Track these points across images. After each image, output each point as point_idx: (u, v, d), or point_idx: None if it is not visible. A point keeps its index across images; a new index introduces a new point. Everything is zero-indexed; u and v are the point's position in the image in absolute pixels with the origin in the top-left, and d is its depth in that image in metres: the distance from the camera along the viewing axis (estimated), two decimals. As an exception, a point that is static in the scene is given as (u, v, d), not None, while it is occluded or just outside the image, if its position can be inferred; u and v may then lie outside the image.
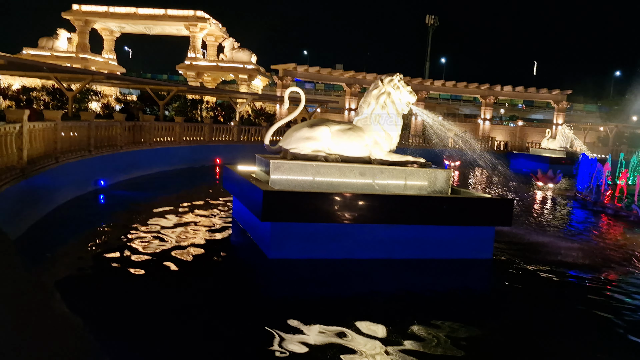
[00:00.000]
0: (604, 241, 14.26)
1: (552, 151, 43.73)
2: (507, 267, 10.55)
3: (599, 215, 18.82)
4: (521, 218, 17.05)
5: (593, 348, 6.95)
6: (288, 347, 6.08)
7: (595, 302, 8.91)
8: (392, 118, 11.06)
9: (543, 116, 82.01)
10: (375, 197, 10.19)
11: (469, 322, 7.53)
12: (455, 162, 35.51)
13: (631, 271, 10.94)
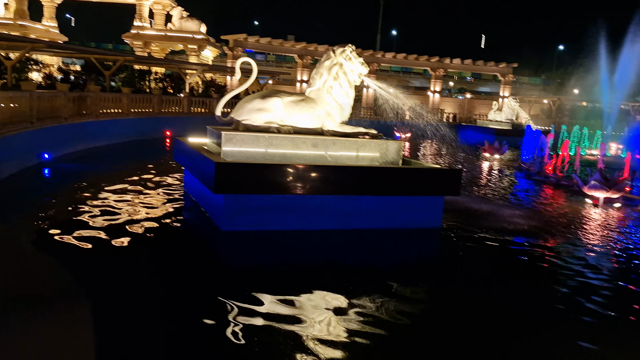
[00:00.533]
0: (547, 209, 14.88)
1: (498, 123, 44.94)
2: (455, 235, 10.89)
3: (542, 184, 19.58)
4: (469, 188, 17.56)
5: (535, 309, 7.31)
6: (242, 318, 6.14)
7: (538, 266, 9.36)
8: (344, 89, 11.11)
9: (490, 89, 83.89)
10: (327, 168, 10.28)
11: (420, 289, 7.78)
12: (406, 134, 36.01)
13: (571, 237, 11.49)
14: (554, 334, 6.48)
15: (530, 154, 24.86)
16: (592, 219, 13.55)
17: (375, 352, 5.62)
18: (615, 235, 11.93)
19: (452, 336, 6.23)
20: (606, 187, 15.02)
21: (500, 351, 5.93)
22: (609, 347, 6.17)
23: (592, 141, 32.08)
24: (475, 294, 7.79)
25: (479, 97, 75.18)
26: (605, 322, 6.91)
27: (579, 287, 8.19)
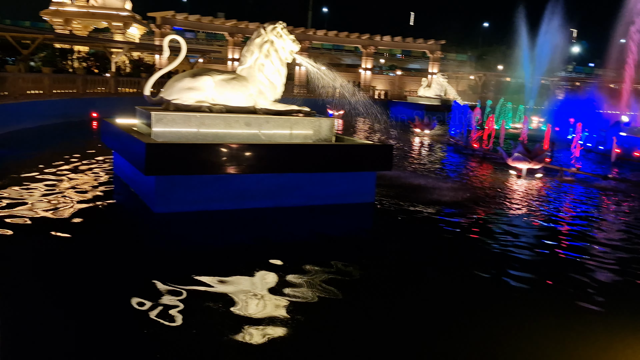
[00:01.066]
0: (474, 181, 15.53)
1: (428, 99, 46.13)
2: (388, 208, 11.20)
3: (470, 157, 20.37)
4: (401, 163, 18.02)
5: (465, 272, 7.67)
6: (177, 300, 6.11)
7: (467, 234, 9.80)
8: (276, 67, 11.07)
9: (420, 66, 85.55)
10: (261, 147, 10.27)
11: (355, 262, 7.97)
12: (339, 111, 36.31)
13: (497, 206, 12.07)
14: (482, 295, 6.83)
15: (458, 129, 25.72)
16: (515, 189, 14.27)
17: (312, 326, 5.76)
18: (537, 204, 12.63)
19: (386, 304, 6.45)
20: (528, 158, 15.80)
21: (431, 314, 6.19)
22: (529, 305, 6.58)
23: (515, 115, 33.53)
24: (407, 262, 8.07)
25: (409, 74, 76.66)
26: (526, 284, 7.34)
27: (504, 252, 8.65)
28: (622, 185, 15.43)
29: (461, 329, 5.85)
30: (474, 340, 5.60)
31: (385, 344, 5.43)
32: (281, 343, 5.27)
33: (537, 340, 5.60)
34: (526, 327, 5.92)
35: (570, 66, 75.74)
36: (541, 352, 5.35)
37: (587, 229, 10.57)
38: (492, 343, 5.55)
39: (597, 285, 7.34)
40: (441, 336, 5.68)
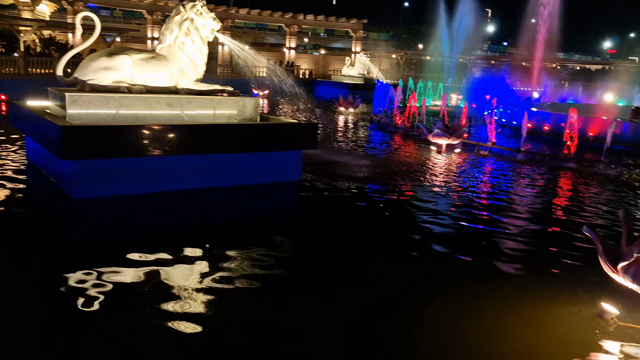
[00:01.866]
0: (398, 157, 15.96)
1: (351, 78, 46.62)
2: (314, 186, 11.34)
3: (393, 134, 20.88)
4: (326, 141, 18.22)
5: (388, 241, 7.94)
6: (100, 288, 5.97)
7: (392, 206, 10.11)
8: (197, 46, 10.83)
9: (343, 45, 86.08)
10: (184, 127, 10.08)
11: (284, 238, 8.06)
12: (264, 91, 36.04)
13: (419, 180, 12.50)
14: (407, 268, 7.11)
15: (381, 107, 26.23)
16: (436, 164, 14.81)
17: (243, 305, 5.80)
18: (456, 177, 13.19)
19: (313, 284, 6.58)
20: (447, 134, 16.41)
21: (358, 291, 6.38)
22: (451, 275, 6.92)
23: (435, 93, 34.57)
24: (334, 239, 8.23)
25: (333, 53, 76.97)
26: (447, 255, 7.70)
27: (427, 225, 9.01)
28: (533, 157, 16.35)
29: (387, 304, 6.07)
30: (399, 314, 5.83)
31: (313, 323, 5.56)
32: (207, 329, 5.27)
33: (459, 307, 5.91)
34: (448, 296, 6.22)
35: (486, 45, 78.72)
36: (462, 317, 5.66)
37: (503, 199, 11.17)
38: (417, 314, 5.81)
39: (512, 253, 7.81)
40: (368, 312, 5.87)
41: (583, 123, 18.38)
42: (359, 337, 5.18)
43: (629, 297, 5.72)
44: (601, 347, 5.07)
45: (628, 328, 5.42)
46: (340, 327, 5.36)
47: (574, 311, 5.78)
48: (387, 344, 5.06)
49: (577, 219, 9.80)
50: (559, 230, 9.21)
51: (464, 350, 5.00)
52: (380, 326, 5.39)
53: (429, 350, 5.01)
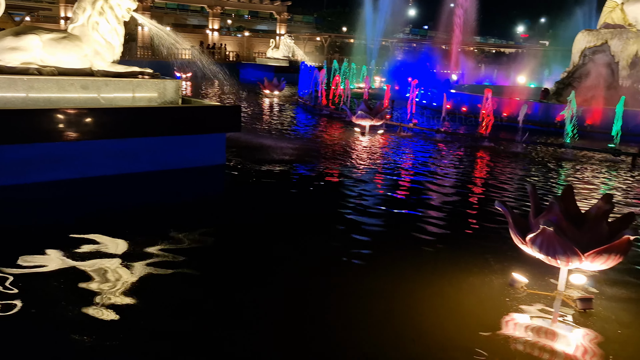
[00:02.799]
0: (323, 139, 16.10)
1: (276, 60, 46.35)
2: (240, 169, 11.26)
3: (318, 117, 21.01)
4: (251, 124, 18.10)
5: (316, 229, 8.04)
6: (16, 282, 5.70)
7: (318, 187, 10.22)
8: (112, 25, 10.39)
9: (268, 27, 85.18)
10: (102, 111, 9.70)
11: (209, 223, 7.98)
12: (187, 74, 35.17)
13: (344, 161, 12.69)
14: (333, 248, 7.23)
15: (306, 89, 26.29)
16: (360, 145, 15.07)
17: (167, 291, 5.72)
18: (379, 157, 13.50)
19: (242, 256, 6.58)
20: (370, 116, 16.72)
21: (282, 274, 6.45)
22: (376, 252, 7.12)
23: (359, 75, 34.99)
24: (259, 224, 8.24)
25: (257, 35, 76.00)
26: (372, 232, 7.91)
27: (353, 205, 9.19)
28: (452, 137, 16.98)
29: (308, 283, 6.17)
30: (320, 292, 5.95)
31: (239, 306, 5.58)
32: (130, 316, 5.18)
33: (377, 283, 6.10)
34: (367, 272, 6.41)
35: (408, 28, 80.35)
36: (381, 291, 5.85)
37: (423, 177, 11.55)
38: (337, 292, 5.94)
39: (431, 228, 8.12)
40: (292, 292, 5.95)
41: (497, 104, 19.24)
42: (283, 317, 5.25)
43: (537, 266, 6.12)
44: (512, 313, 5.41)
45: (536, 295, 5.81)
46: (266, 308, 5.41)
47: (486, 281, 6.12)
48: (305, 323, 5.16)
49: (491, 195, 10.31)
50: (474, 205, 9.67)
51: (382, 323, 5.18)
52: (301, 305, 5.48)
53: (344, 325, 5.15)
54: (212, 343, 4.71)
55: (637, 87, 21.35)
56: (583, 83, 21.91)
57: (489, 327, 5.12)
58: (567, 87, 22.25)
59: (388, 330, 5.06)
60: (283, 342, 4.80)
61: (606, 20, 22.88)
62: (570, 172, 13.07)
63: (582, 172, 13.06)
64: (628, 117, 16.43)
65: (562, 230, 5.32)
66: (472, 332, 5.02)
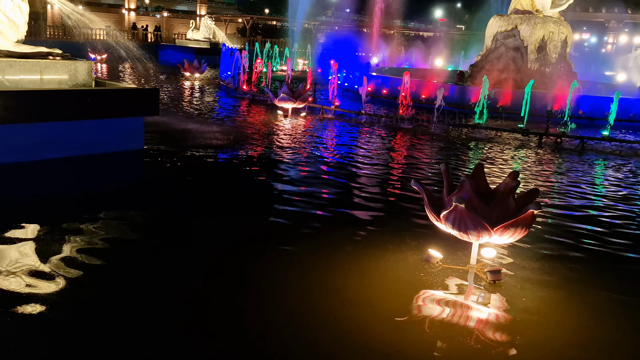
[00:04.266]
0: (245, 122, 15.95)
1: (197, 42, 45.22)
2: (159, 154, 10.96)
3: (241, 100, 20.77)
4: (171, 107, 17.62)
5: (240, 214, 7.99)
6: None
7: (242, 171, 10.14)
8: (15, 2, 9.73)
9: (188, 7, 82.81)
10: (5, 94, 9.12)
11: (126, 210, 7.73)
12: (102, 55, 33.66)
13: (268, 144, 12.65)
14: (254, 232, 7.22)
15: (228, 72, 25.88)
16: (283, 127, 15.06)
17: (81, 282, 5.52)
18: (301, 140, 13.55)
19: (162, 243, 6.45)
20: (293, 98, 16.72)
21: (198, 259, 6.38)
22: (298, 236, 7.18)
23: (282, 58, 34.84)
24: (177, 210, 8.08)
25: (177, 16, 73.74)
26: (296, 214, 7.95)
27: (275, 188, 9.21)
28: (372, 119, 17.31)
29: (234, 268, 6.15)
30: (238, 274, 5.95)
31: (154, 294, 5.48)
32: (45, 312, 4.97)
33: (300, 265, 6.17)
34: (291, 256, 6.46)
35: (330, 11, 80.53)
36: (304, 274, 5.93)
37: (346, 158, 11.72)
38: (256, 273, 5.96)
39: (351, 209, 8.27)
40: (207, 277, 5.91)
41: (416, 86, 19.79)
42: (194, 301, 5.21)
43: (451, 242, 6.40)
44: (428, 287, 5.64)
45: (450, 269, 6.08)
46: (179, 292, 5.35)
47: (402, 258, 6.33)
48: (220, 304, 5.16)
49: (409, 174, 10.64)
50: (393, 184, 9.95)
51: (305, 304, 5.26)
52: (218, 287, 5.46)
53: (264, 307, 5.19)
54: (128, 334, 4.61)
55: (544, 70, 22.60)
56: (495, 66, 22.92)
57: (407, 301, 5.32)
58: (481, 70, 23.20)
59: (307, 311, 5.13)
60: (196, 331, 4.76)
61: (516, 6, 23.97)
62: (482, 151, 13.70)
63: (494, 151, 13.72)
64: (535, 98, 17.37)
65: (472, 207, 5.58)
66: (391, 307, 5.20)
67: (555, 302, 5.55)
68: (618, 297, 5.79)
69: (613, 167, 12.75)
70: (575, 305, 5.52)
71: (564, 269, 6.38)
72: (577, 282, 6.08)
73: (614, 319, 5.33)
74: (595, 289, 5.93)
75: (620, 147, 15.02)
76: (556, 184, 10.90)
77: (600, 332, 5.07)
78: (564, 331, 5.03)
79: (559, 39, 22.87)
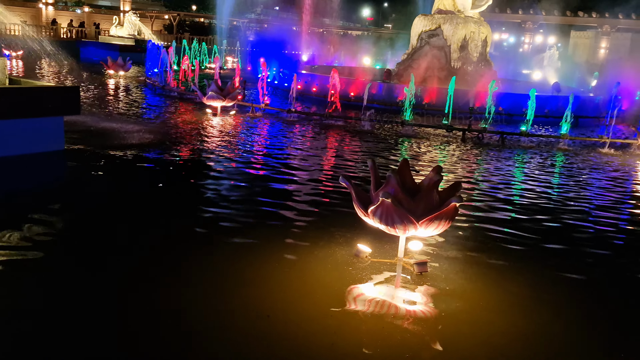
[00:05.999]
0: (173, 121, 15.60)
1: (121, 39, 43.80)
2: (82, 155, 10.55)
3: (168, 98, 20.30)
4: (94, 106, 16.99)
5: (169, 217, 7.81)
6: None
7: (170, 176, 9.90)
8: None
9: (110, 3, 79.85)
10: None
11: (51, 214, 7.39)
12: (17, 52, 31.89)
13: (197, 144, 12.43)
14: (180, 226, 7.09)
15: (154, 70, 25.22)
16: (212, 126, 14.86)
17: (4, 291, 5.24)
18: (232, 138, 13.42)
19: (86, 249, 6.22)
20: (221, 96, 16.52)
21: (134, 264, 6.21)
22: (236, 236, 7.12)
23: (210, 55, 34.31)
24: (102, 212, 7.81)
25: (100, 12, 70.99)
26: (232, 215, 7.87)
27: (207, 188, 9.07)
28: (303, 116, 17.39)
29: (157, 270, 6.03)
30: (171, 280, 5.84)
31: (82, 302, 5.29)
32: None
33: (229, 266, 6.13)
34: (219, 258, 6.40)
35: (259, 9, 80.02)
36: (232, 273, 5.90)
37: (276, 156, 11.71)
38: (184, 277, 5.88)
39: (281, 206, 8.28)
40: (137, 283, 5.77)
41: (345, 84, 20.02)
42: (112, 309, 5.08)
43: (380, 236, 6.54)
44: (357, 281, 5.75)
45: (379, 263, 6.22)
46: (99, 295, 5.19)
47: (331, 253, 6.41)
48: (144, 309, 5.06)
49: (339, 170, 10.78)
50: (323, 181, 10.04)
51: (236, 304, 5.24)
52: (142, 290, 5.35)
53: (192, 310, 5.13)
54: (53, 340, 4.43)
55: (466, 69, 23.48)
56: (421, 64, 23.57)
57: (338, 296, 5.40)
58: (407, 68, 23.81)
59: (241, 308, 5.11)
60: (118, 332, 4.65)
61: (439, 7, 24.76)
62: (409, 147, 14.08)
63: (420, 147, 14.14)
64: (459, 96, 18.00)
65: (398, 201, 5.73)
66: (323, 302, 5.26)
67: (478, 291, 5.80)
68: (536, 284, 6.12)
69: (530, 160, 13.44)
70: (496, 294, 5.79)
71: (486, 259, 6.67)
72: (499, 270, 6.38)
73: (534, 306, 5.63)
74: (515, 277, 6.24)
75: (537, 141, 15.87)
76: (478, 176, 11.37)
77: (521, 319, 5.34)
78: (487, 319, 5.27)
79: (480, 39, 23.83)
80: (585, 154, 14.66)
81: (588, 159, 14.02)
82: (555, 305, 5.66)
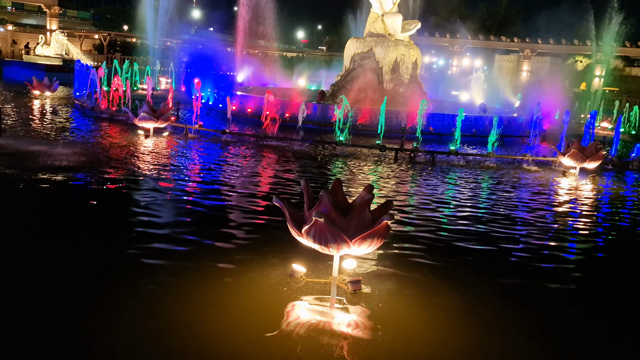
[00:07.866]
0: (104, 143, 15.15)
1: (47, 58, 42.32)
2: (2, 180, 10.06)
3: (98, 120, 19.70)
4: (18, 129, 16.29)
5: (99, 240, 7.54)
6: None
7: (100, 199, 9.57)
8: None
9: (37, 21, 77.02)
10: None
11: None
12: None
13: (129, 166, 12.10)
14: (111, 250, 6.87)
15: (83, 90, 24.46)
16: (144, 148, 14.54)
17: None
18: (165, 160, 13.18)
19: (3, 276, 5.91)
20: (154, 117, 16.23)
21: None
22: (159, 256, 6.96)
23: (143, 76, 33.65)
24: (29, 236, 7.47)
25: (24, 30, 68.25)
26: (167, 236, 7.69)
27: (136, 209, 8.82)
28: (237, 138, 17.32)
29: (84, 296, 5.82)
30: (105, 302, 5.66)
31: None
32: None
33: (165, 290, 6.00)
34: (158, 280, 6.24)
35: (193, 30, 79.38)
36: (168, 299, 5.77)
37: (210, 177, 11.58)
38: (122, 299, 5.71)
39: (212, 229, 8.18)
40: (67, 299, 5.55)
41: (280, 105, 20.12)
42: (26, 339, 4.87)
43: (314, 256, 6.58)
44: (292, 301, 5.76)
45: (313, 282, 6.26)
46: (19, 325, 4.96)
47: (266, 274, 6.40)
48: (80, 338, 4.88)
49: (273, 191, 10.79)
50: (257, 202, 9.99)
51: (169, 330, 5.13)
52: (61, 320, 5.16)
53: (128, 337, 4.99)
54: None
55: (398, 90, 24.16)
56: (354, 85, 24.07)
57: (273, 317, 5.39)
58: (340, 90, 24.22)
59: (171, 336, 5.00)
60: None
61: (370, 30, 25.43)
62: (342, 167, 14.29)
63: (354, 166, 14.38)
64: (391, 116, 18.49)
65: (331, 220, 5.80)
66: (258, 324, 5.23)
67: (410, 306, 5.94)
68: (464, 296, 6.33)
69: (458, 177, 13.94)
70: (427, 307, 5.95)
71: (418, 274, 6.84)
72: (429, 285, 6.55)
73: (464, 318, 5.81)
74: (445, 290, 6.43)
75: (465, 159, 16.50)
76: (410, 194, 11.67)
77: (452, 330, 5.51)
78: (419, 331, 5.40)
79: (410, 61, 24.61)
80: (510, 171, 15.35)
81: (513, 176, 14.69)
82: (481, 317, 5.87)
